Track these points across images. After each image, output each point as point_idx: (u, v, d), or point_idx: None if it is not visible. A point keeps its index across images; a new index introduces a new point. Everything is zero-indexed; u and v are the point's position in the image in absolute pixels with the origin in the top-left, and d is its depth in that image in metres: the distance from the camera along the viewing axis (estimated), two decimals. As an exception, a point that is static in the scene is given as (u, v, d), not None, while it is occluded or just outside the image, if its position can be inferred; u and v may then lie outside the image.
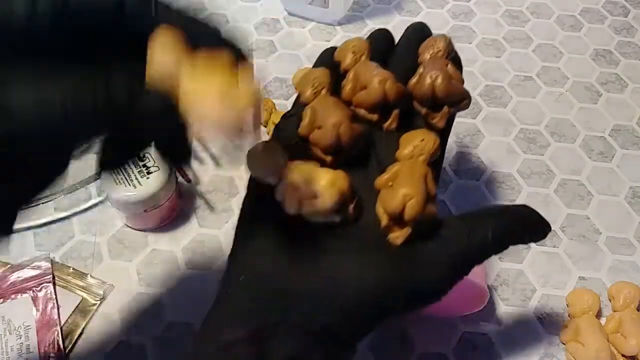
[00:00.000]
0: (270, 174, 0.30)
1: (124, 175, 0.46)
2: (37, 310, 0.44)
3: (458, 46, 0.40)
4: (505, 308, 0.45)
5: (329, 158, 0.33)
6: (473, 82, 0.62)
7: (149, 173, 0.46)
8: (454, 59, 0.38)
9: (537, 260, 0.48)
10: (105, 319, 0.45)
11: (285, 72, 0.62)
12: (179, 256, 0.48)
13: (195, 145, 0.55)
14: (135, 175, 0.46)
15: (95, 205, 0.51)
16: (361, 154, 0.34)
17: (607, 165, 0.55)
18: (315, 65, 0.39)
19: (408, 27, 0.41)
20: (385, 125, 0.35)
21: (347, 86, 0.36)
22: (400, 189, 0.30)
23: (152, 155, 0.47)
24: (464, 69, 0.37)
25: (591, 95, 0.61)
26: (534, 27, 0.68)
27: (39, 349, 0.42)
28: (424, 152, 0.33)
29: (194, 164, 0.54)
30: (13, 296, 0.44)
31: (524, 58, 0.65)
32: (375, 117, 0.35)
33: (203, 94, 0.24)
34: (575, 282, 0.47)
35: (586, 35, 0.67)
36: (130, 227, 0.50)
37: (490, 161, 0.55)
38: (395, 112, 0.35)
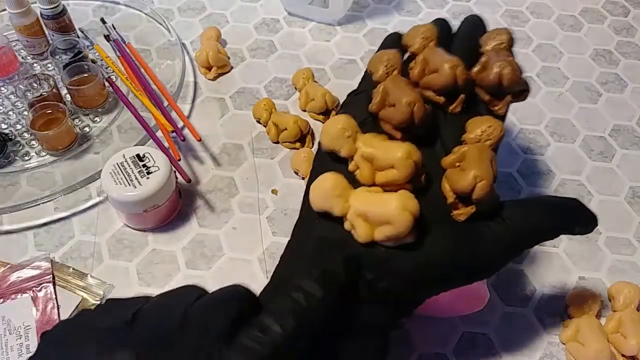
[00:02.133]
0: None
1: (124, 175, 0.46)
2: (37, 310, 0.44)
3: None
4: (505, 308, 0.45)
5: (398, 134, 0.35)
6: (473, 82, 0.62)
7: (149, 173, 0.46)
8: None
9: (537, 260, 0.48)
10: (105, 319, 0.44)
11: (285, 72, 0.62)
12: (179, 256, 0.48)
13: (196, 145, 0.55)
14: (135, 175, 0.46)
15: (95, 205, 0.51)
16: (426, 133, 0.36)
17: (607, 165, 0.55)
18: (383, 47, 0.41)
19: (466, 18, 0.44)
20: (451, 108, 0.37)
21: (416, 68, 0.37)
22: (471, 171, 0.32)
23: (152, 155, 0.47)
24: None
25: (591, 95, 0.61)
26: (534, 27, 0.68)
27: (39, 349, 0.42)
28: (491, 138, 0.35)
29: (194, 163, 0.54)
30: (13, 296, 0.44)
31: (524, 58, 0.65)
32: (442, 99, 0.36)
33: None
34: (575, 282, 0.47)
35: (586, 35, 0.67)
36: (130, 227, 0.50)
37: (490, 161, 0.55)
38: (462, 96, 0.36)
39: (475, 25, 0.43)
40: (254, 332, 0.26)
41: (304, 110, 0.58)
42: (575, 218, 0.35)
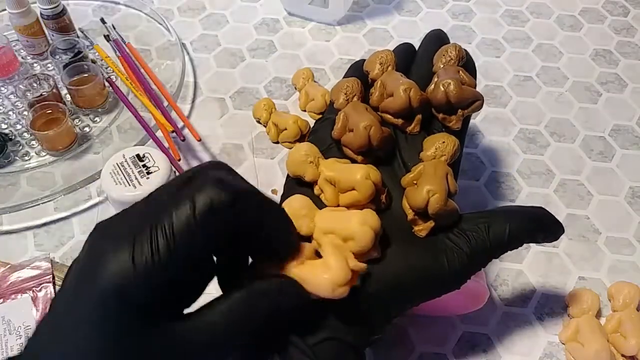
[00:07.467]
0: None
1: (124, 175, 0.46)
2: (37, 310, 0.44)
3: (458, 46, 0.40)
4: (505, 308, 0.45)
5: (359, 158, 0.37)
6: (473, 82, 0.62)
7: (149, 173, 0.46)
8: (467, 63, 0.42)
9: (537, 260, 0.48)
10: (105, 319, 0.44)
11: (285, 72, 0.62)
12: (179, 256, 0.48)
13: (196, 145, 0.55)
14: (135, 175, 0.46)
15: (95, 205, 0.51)
16: (387, 154, 0.37)
17: (607, 165, 0.55)
18: (346, 75, 0.43)
19: (426, 36, 0.45)
20: (409, 128, 0.38)
21: (375, 93, 0.39)
22: (424, 186, 0.33)
23: (152, 155, 0.47)
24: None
25: (591, 95, 0.61)
26: (533, 27, 0.68)
27: (39, 349, 0.42)
28: (445, 153, 0.36)
29: (194, 163, 0.54)
30: (13, 296, 0.44)
31: (524, 58, 0.65)
32: (400, 121, 0.38)
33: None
34: (575, 282, 0.47)
35: (586, 35, 0.67)
36: (130, 227, 0.49)
37: (490, 161, 0.55)
38: (418, 117, 0.38)
39: (434, 42, 0.43)
40: None
41: (304, 110, 0.58)
42: (540, 227, 0.36)
